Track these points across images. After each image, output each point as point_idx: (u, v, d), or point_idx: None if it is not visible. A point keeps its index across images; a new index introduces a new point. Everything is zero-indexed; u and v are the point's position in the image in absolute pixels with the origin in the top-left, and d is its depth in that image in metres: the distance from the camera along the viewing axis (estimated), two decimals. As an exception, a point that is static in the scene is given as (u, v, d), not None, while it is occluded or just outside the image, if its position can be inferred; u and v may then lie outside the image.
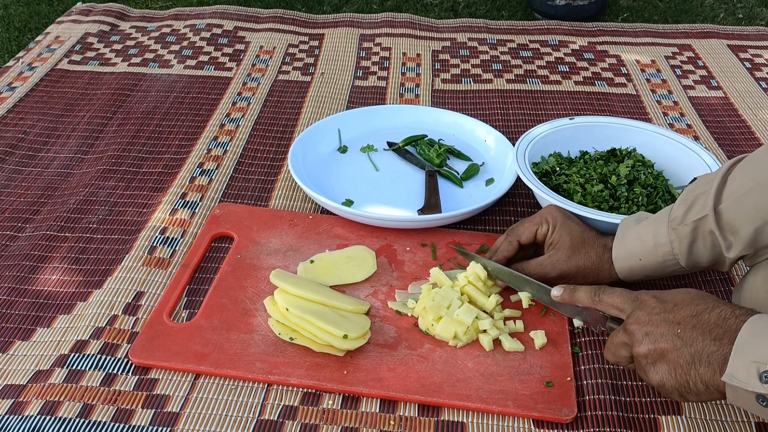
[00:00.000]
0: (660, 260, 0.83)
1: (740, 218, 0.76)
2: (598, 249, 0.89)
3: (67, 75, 1.54)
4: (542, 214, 0.92)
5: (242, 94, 1.45)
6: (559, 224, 0.90)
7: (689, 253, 0.81)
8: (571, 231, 0.90)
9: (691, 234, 0.80)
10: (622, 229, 0.87)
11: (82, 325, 0.91)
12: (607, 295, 0.77)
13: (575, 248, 0.89)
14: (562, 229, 0.90)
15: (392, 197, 1.13)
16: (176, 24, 1.76)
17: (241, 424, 0.79)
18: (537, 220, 0.92)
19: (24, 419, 0.78)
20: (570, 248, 0.89)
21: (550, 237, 0.91)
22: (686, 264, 0.82)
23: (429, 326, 0.87)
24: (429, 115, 1.32)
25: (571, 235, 0.89)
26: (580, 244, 0.89)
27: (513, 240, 0.93)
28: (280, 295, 0.87)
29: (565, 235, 0.89)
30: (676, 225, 0.81)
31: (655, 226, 0.83)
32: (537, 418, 0.79)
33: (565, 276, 0.89)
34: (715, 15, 2.01)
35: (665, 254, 0.82)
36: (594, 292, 0.78)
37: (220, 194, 1.16)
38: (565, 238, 0.89)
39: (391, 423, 0.79)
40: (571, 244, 0.89)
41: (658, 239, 0.82)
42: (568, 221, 0.91)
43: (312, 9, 2.01)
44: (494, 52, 1.64)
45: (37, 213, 1.13)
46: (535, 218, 0.93)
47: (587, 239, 0.89)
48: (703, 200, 0.79)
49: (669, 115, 1.39)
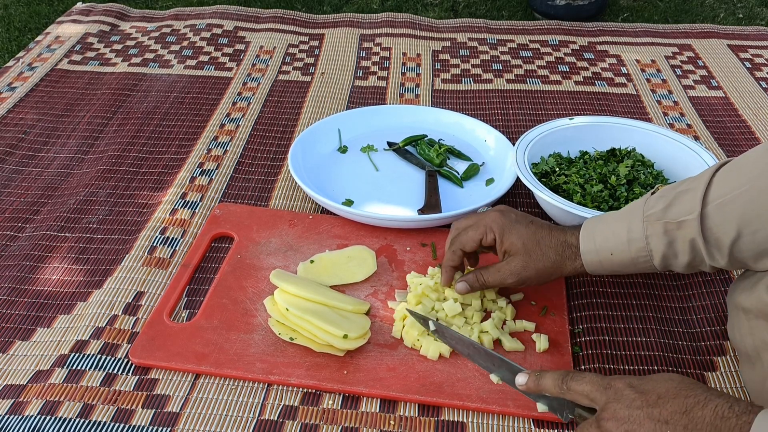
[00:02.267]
0: (633, 256, 0.78)
1: (723, 226, 0.72)
2: (557, 247, 0.82)
3: (67, 75, 1.54)
4: (485, 222, 0.86)
5: (242, 94, 1.45)
6: (506, 230, 0.84)
7: (665, 253, 0.76)
8: (521, 235, 0.83)
9: (668, 234, 0.75)
10: (591, 224, 0.82)
11: (82, 325, 0.91)
12: (575, 382, 0.68)
13: (529, 252, 0.83)
14: (511, 235, 0.84)
15: (392, 197, 1.13)
16: (176, 24, 1.76)
17: (241, 424, 0.79)
18: (481, 230, 0.86)
19: (24, 419, 0.78)
20: (524, 253, 0.83)
21: (501, 245, 0.85)
22: (659, 264, 0.77)
23: (414, 342, 0.86)
24: (429, 115, 1.32)
25: (523, 239, 0.83)
26: (534, 246, 0.83)
27: (457, 250, 0.87)
28: (280, 295, 0.87)
29: (516, 240, 0.83)
30: (654, 221, 0.76)
31: (629, 219, 0.78)
32: (537, 417, 0.79)
33: (525, 281, 0.84)
34: (715, 15, 2.01)
35: (639, 250, 0.77)
36: (561, 380, 0.69)
37: (220, 194, 1.16)
38: (517, 243, 0.83)
39: (391, 423, 0.79)
40: (524, 248, 0.83)
41: (632, 234, 0.77)
42: (515, 225, 0.84)
43: (312, 9, 2.01)
44: (494, 52, 1.64)
45: (37, 213, 1.13)
46: (479, 226, 0.86)
47: (541, 239, 0.83)
48: (686, 200, 0.75)
49: (669, 115, 1.39)
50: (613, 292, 0.97)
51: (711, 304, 0.95)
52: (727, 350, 0.88)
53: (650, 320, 0.92)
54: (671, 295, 0.97)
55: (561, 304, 0.93)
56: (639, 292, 0.97)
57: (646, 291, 0.97)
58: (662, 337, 0.90)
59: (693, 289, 0.97)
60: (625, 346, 0.89)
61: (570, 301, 0.95)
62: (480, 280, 0.86)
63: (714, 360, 0.87)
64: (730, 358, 0.87)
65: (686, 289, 0.97)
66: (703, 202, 0.73)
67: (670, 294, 0.97)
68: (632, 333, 0.90)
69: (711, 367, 0.86)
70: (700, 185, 0.74)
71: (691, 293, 0.97)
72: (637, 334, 0.90)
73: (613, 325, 0.92)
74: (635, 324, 0.92)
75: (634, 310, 0.94)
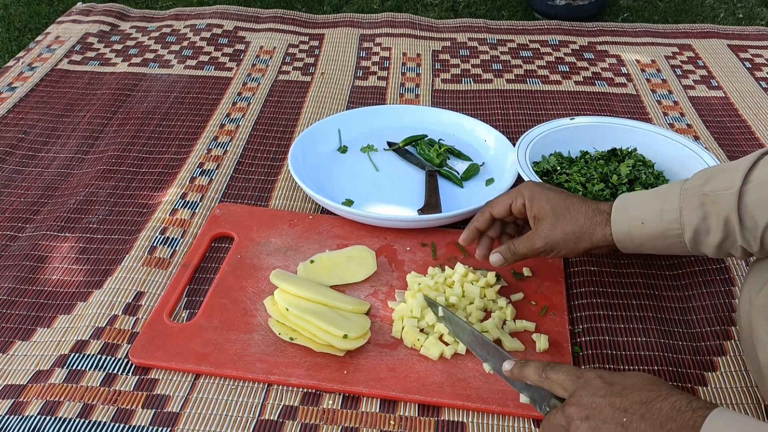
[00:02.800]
0: (664, 228, 0.77)
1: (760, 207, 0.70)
2: (587, 212, 0.83)
3: (68, 75, 1.54)
4: (518, 188, 0.88)
5: (242, 94, 1.45)
6: (535, 195, 0.85)
7: (697, 227, 0.74)
8: (550, 199, 0.84)
9: (703, 208, 0.74)
10: (626, 194, 0.82)
11: (82, 325, 0.91)
12: (554, 371, 0.70)
13: (558, 215, 0.83)
14: (540, 199, 0.85)
15: (392, 197, 1.13)
16: (176, 24, 1.76)
17: (241, 424, 0.79)
18: (512, 194, 0.87)
19: (24, 419, 0.78)
20: (553, 215, 0.83)
21: (530, 210, 0.86)
22: (690, 241, 0.76)
23: (414, 342, 0.86)
24: (429, 115, 1.32)
25: (551, 202, 0.84)
26: (563, 210, 0.83)
27: (485, 211, 0.89)
28: (280, 295, 0.87)
29: (544, 204, 0.84)
30: (690, 194, 0.75)
31: (665, 192, 0.78)
32: (537, 417, 0.79)
33: (554, 245, 0.84)
34: (715, 15, 2.00)
35: (671, 222, 0.76)
36: (542, 369, 0.71)
37: (220, 194, 1.16)
38: (545, 207, 0.84)
39: (391, 423, 0.79)
40: (552, 211, 0.83)
41: (667, 205, 0.76)
42: (546, 191, 0.85)
43: (312, 9, 2.01)
44: (494, 52, 1.64)
45: (37, 213, 1.13)
46: (511, 192, 0.88)
47: (571, 204, 0.83)
48: (726, 176, 0.73)
49: (669, 115, 1.39)
50: (613, 292, 0.97)
51: (711, 304, 0.95)
52: (727, 350, 0.88)
53: (650, 320, 0.92)
54: (671, 295, 0.97)
55: (561, 304, 0.93)
56: (639, 292, 0.97)
57: (646, 291, 0.97)
58: (662, 337, 0.90)
59: (693, 289, 0.97)
60: (625, 346, 0.89)
61: (570, 301, 0.95)
62: (511, 249, 0.87)
63: (714, 360, 0.87)
64: (730, 358, 0.87)
65: (686, 289, 0.97)
66: (744, 179, 0.72)
67: (670, 294, 0.97)
68: (632, 333, 0.90)
69: (711, 367, 0.86)
70: (743, 164, 0.73)
71: (691, 293, 0.97)
72: (637, 334, 0.90)
73: (613, 325, 0.92)
74: (635, 324, 0.92)
75: (634, 310, 0.94)
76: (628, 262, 1.01)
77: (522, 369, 0.73)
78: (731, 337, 0.90)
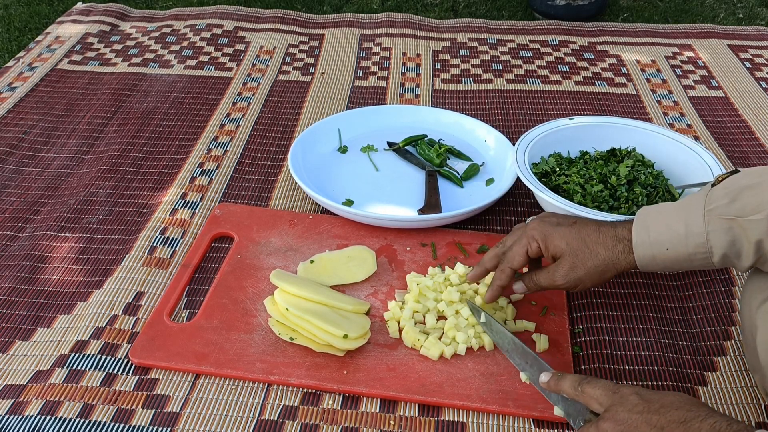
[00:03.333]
0: (690, 252, 0.73)
1: None
2: (606, 242, 0.79)
3: (68, 75, 1.54)
4: (527, 233, 0.83)
5: (242, 94, 1.45)
6: (548, 235, 0.81)
7: (726, 252, 0.71)
8: (564, 236, 0.80)
9: (732, 232, 0.70)
10: (644, 215, 0.77)
11: (82, 325, 0.91)
12: (590, 385, 0.70)
13: (576, 252, 0.79)
14: (554, 238, 0.81)
15: (392, 197, 1.13)
16: (176, 24, 1.76)
17: (241, 424, 0.79)
18: (524, 242, 0.83)
19: (24, 419, 0.78)
20: (571, 254, 0.80)
21: (547, 252, 0.82)
22: (719, 262, 0.73)
23: (414, 342, 0.86)
24: (429, 115, 1.32)
25: (566, 239, 0.80)
26: (579, 245, 0.79)
27: (506, 268, 0.85)
28: (280, 295, 0.87)
29: (559, 243, 0.80)
30: (716, 216, 0.71)
31: (687, 213, 0.73)
32: (537, 417, 0.79)
33: (577, 281, 0.80)
34: (715, 15, 2.00)
35: (697, 246, 0.72)
36: (578, 382, 0.71)
37: (220, 194, 1.16)
38: (561, 245, 0.80)
39: (391, 423, 0.79)
40: (569, 248, 0.80)
41: (691, 228, 0.72)
42: (557, 228, 0.81)
43: (312, 9, 2.01)
44: (494, 52, 1.64)
45: (37, 213, 1.13)
46: (521, 239, 0.84)
47: (587, 237, 0.80)
48: (752, 195, 0.70)
49: (669, 115, 1.39)
50: (613, 292, 0.97)
51: (711, 304, 0.95)
52: (727, 350, 0.88)
53: (650, 320, 0.92)
54: (671, 295, 0.97)
55: (561, 304, 0.93)
56: (639, 292, 0.97)
57: (646, 291, 0.97)
58: (662, 337, 0.90)
59: (693, 289, 0.97)
60: (625, 346, 0.89)
61: (570, 301, 0.95)
62: (534, 280, 0.84)
63: (714, 360, 0.87)
64: (730, 358, 0.87)
65: (686, 289, 0.97)
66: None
67: (670, 294, 0.97)
68: (632, 333, 0.90)
69: (711, 367, 0.86)
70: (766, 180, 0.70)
71: (691, 293, 0.97)
72: (637, 334, 0.90)
73: (613, 325, 0.92)
74: (635, 324, 0.92)
75: (634, 310, 0.94)
76: (628, 262, 1.01)
77: (559, 381, 0.74)
78: (731, 337, 0.90)
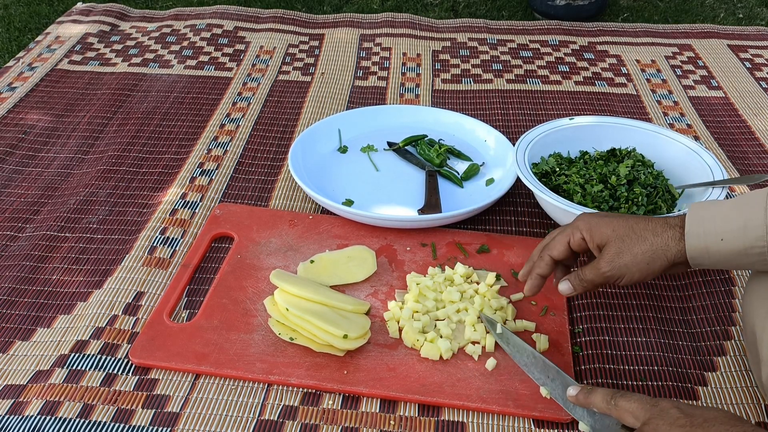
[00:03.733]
0: (747, 245, 0.71)
1: None
2: (656, 228, 0.76)
3: (68, 75, 1.54)
4: (573, 223, 0.81)
5: (242, 94, 1.45)
6: (593, 225, 0.79)
7: None
8: (610, 223, 0.78)
9: None
10: (698, 206, 0.75)
11: (82, 325, 0.91)
12: (624, 399, 0.68)
13: (622, 237, 0.76)
14: (600, 226, 0.78)
15: (392, 197, 1.13)
16: (176, 24, 1.76)
17: (241, 424, 0.79)
18: (567, 231, 0.81)
19: (24, 419, 0.78)
20: (617, 238, 0.76)
21: (591, 241, 0.79)
22: None
23: (414, 342, 0.86)
24: (429, 115, 1.32)
25: (612, 225, 0.77)
26: (627, 231, 0.76)
27: (545, 256, 0.82)
28: (280, 295, 0.87)
29: (605, 229, 0.77)
30: None
31: (746, 207, 0.72)
32: (537, 417, 0.79)
33: (622, 269, 0.76)
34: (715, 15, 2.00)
35: (756, 239, 0.70)
36: (611, 396, 0.70)
37: (220, 194, 1.16)
38: (606, 231, 0.77)
39: (391, 423, 0.79)
40: (615, 234, 0.77)
41: (751, 221, 0.70)
42: (604, 218, 0.80)
43: (312, 9, 2.01)
44: (494, 52, 1.64)
45: (37, 213, 1.13)
46: (566, 229, 0.82)
47: (635, 224, 0.77)
48: None
49: (669, 115, 1.39)
50: (613, 292, 0.97)
51: (711, 304, 0.95)
52: (727, 350, 0.88)
53: (650, 320, 0.92)
54: (671, 295, 0.97)
55: (561, 304, 0.93)
56: (639, 292, 0.97)
57: (646, 291, 0.97)
58: (662, 337, 0.90)
59: (693, 289, 0.97)
60: (625, 346, 0.89)
61: (570, 301, 0.95)
62: (580, 276, 0.81)
63: (714, 360, 0.87)
64: (731, 358, 0.87)
65: (686, 289, 0.97)
66: None
67: (670, 294, 0.97)
68: (632, 333, 0.90)
69: (711, 367, 0.86)
70: None
71: (691, 293, 0.97)
72: (637, 334, 0.90)
73: (613, 325, 0.92)
74: (635, 324, 0.92)
75: (634, 310, 0.94)
76: (628, 262, 1.01)
77: (589, 395, 0.72)
78: (731, 337, 0.90)
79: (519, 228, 1.09)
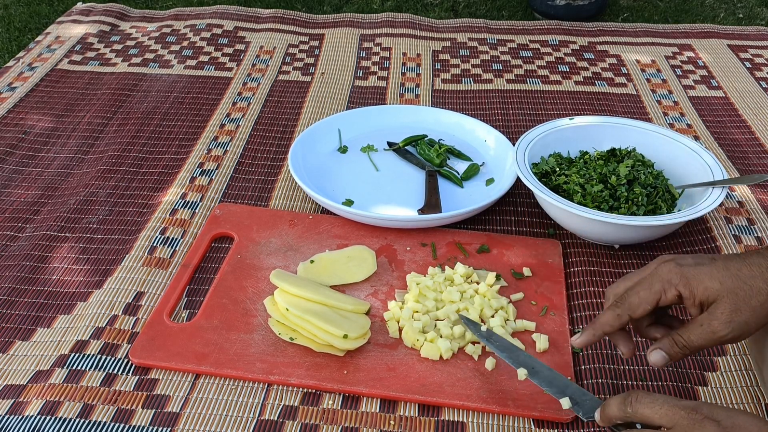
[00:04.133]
0: None
1: None
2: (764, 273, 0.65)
3: (67, 75, 1.54)
4: (660, 276, 0.69)
5: (242, 94, 1.45)
6: (690, 277, 0.67)
7: None
8: (712, 275, 0.66)
9: None
10: None
11: (82, 325, 0.91)
12: (642, 405, 0.62)
13: (734, 290, 0.65)
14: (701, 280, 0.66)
15: (392, 197, 1.13)
16: (176, 24, 1.76)
17: (241, 424, 0.79)
18: (657, 287, 0.68)
19: (24, 419, 0.78)
20: (728, 294, 0.65)
21: (692, 298, 0.67)
22: None
23: (414, 342, 0.86)
24: (429, 115, 1.32)
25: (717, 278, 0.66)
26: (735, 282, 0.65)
27: (623, 314, 0.70)
28: (280, 295, 0.87)
29: (710, 283, 0.66)
30: None
31: None
32: (537, 417, 0.79)
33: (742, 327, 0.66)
34: (716, 15, 2.01)
35: None
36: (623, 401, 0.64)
37: (220, 194, 1.16)
38: (713, 286, 0.66)
39: (391, 423, 0.79)
40: (724, 288, 0.65)
41: None
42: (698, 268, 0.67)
43: (312, 9, 2.01)
44: (494, 52, 1.64)
45: (37, 213, 1.13)
46: (653, 283, 0.69)
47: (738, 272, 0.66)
48: None
49: (669, 115, 1.39)
50: (613, 292, 0.97)
51: (711, 304, 0.95)
52: (728, 350, 0.88)
53: (650, 320, 0.92)
54: (671, 295, 0.96)
55: (561, 304, 0.93)
56: (639, 292, 0.96)
57: (646, 291, 0.97)
58: (662, 337, 0.90)
59: (693, 289, 0.97)
60: (625, 346, 0.89)
61: (570, 301, 0.95)
62: (680, 343, 0.68)
63: (714, 360, 0.87)
64: (731, 358, 0.87)
65: (686, 289, 0.97)
66: None
67: (670, 294, 0.97)
68: (632, 333, 0.90)
69: (711, 367, 0.86)
70: None
71: (691, 293, 0.97)
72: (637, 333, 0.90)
73: (613, 325, 0.91)
74: (635, 324, 0.92)
75: (634, 310, 0.94)
76: (628, 262, 1.01)
77: (605, 410, 0.67)
78: (731, 337, 0.90)
79: (519, 228, 1.09)
